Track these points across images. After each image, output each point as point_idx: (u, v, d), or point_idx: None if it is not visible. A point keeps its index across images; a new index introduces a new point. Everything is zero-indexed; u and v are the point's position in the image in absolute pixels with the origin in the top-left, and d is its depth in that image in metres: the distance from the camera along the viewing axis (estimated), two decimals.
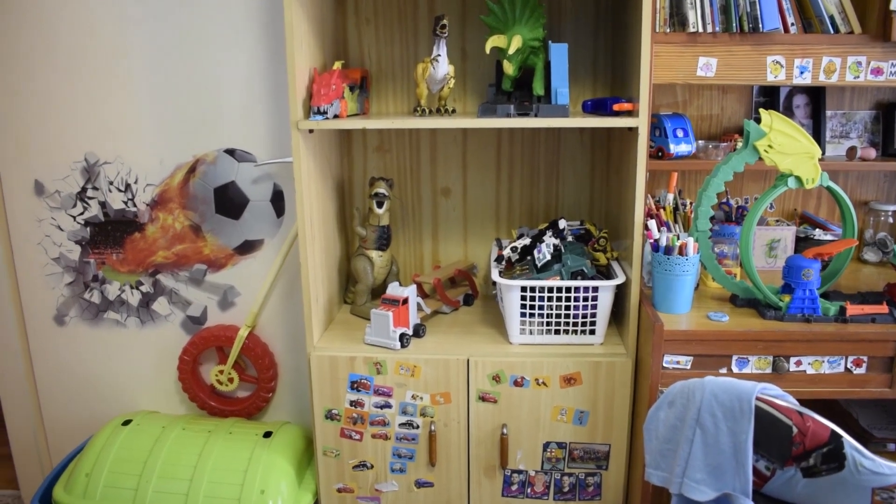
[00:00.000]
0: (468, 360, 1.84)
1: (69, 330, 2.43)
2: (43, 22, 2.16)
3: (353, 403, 1.90)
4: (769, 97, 2.16)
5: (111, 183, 2.29)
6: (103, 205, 2.31)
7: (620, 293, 1.91)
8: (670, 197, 2.01)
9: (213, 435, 2.12)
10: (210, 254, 2.33)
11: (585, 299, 1.84)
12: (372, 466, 1.95)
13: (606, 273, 1.95)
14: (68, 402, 2.50)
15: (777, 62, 1.86)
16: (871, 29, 1.85)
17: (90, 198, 2.31)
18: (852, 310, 1.68)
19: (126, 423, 2.20)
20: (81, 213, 2.32)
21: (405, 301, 1.91)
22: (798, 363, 1.67)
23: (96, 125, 2.24)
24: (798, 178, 1.67)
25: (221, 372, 2.36)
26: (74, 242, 2.35)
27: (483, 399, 1.86)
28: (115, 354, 2.44)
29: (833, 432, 1.29)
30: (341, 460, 1.96)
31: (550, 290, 1.83)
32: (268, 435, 2.14)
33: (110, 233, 2.34)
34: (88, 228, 2.34)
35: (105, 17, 2.15)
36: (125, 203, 2.30)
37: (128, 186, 2.29)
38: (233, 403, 2.41)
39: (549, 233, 1.92)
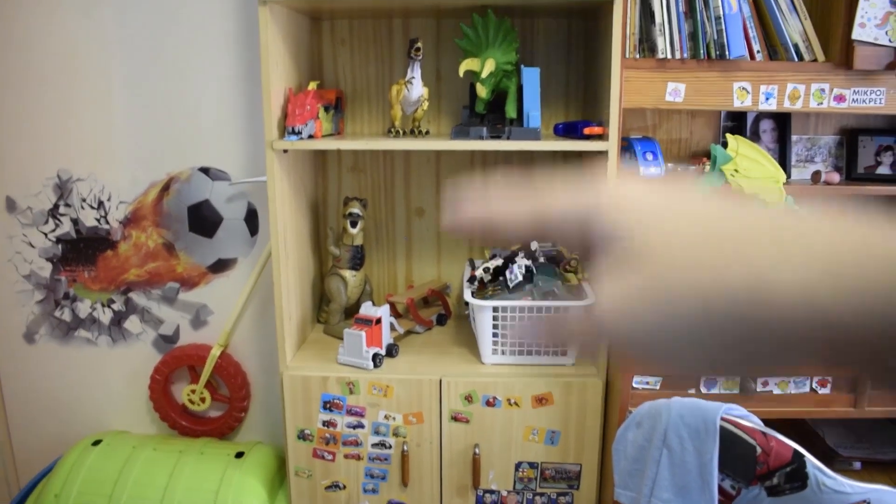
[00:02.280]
0: (441, 381, 1.84)
1: (39, 348, 2.40)
2: (19, 39, 2.16)
3: (326, 423, 1.90)
4: (737, 121, 2.21)
5: (84, 200, 2.28)
6: (75, 222, 2.30)
7: None
8: None
9: (185, 455, 2.11)
10: (183, 272, 2.32)
11: None
12: (345, 487, 1.95)
13: (577, 294, 1.97)
14: (37, 421, 2.46)
15: (743, 88, 1.90)
16: (834, 57, 1.90)
17: (62, 215, 2.30)
18: None
19: (96, 443, 2.18)
20: (53, 230, 2.31)
21: (378, 321, 1.92)
22: (765, 383, 1.70)
23: (69, 141, 2.24)
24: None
25: (193, 391, 2.34)
26: (46, 259, 2.33)
27: (455, 419, 1.87)
28: (86, 373, 2.41)
29: (795, 452, 1.31)
30: (314, 481, 1.95)
31: (522, 310, 1.85)
32: (240, 455, 2.13)
33: (82, 250, 2.32)
34: (60, 245, 2.32)
35: (81, 34, 2.15)
36: (98, 220, 2.29)
37: (101, 204, 2.28)
38: (204, 423, 2.39)
39: (521, 254, 1.94)
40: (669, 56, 1.88)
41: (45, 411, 2.45)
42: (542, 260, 2.02)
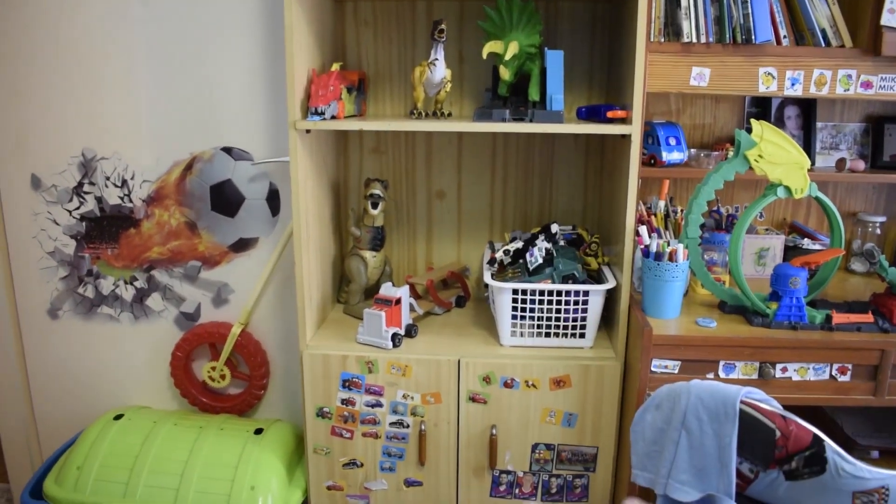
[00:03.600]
0: (459, 361, 1.85)
1: (62, 324, 2.44)
2: (44, 18, 2.18)
3: (345, 402, 1.92)
4: (761, 107, 2.19)
5: (108, 178, 2.30)
6: (99, 200, 2.32)
7: (611, 298, 1.94)
8: (661, 204, 2.04)
9: (205, 431, 2.14)
10: (205, 251, 2.34)
11: (576, 303, 1.86)
12: (362, 465, 1.97)
13: (597, 277, 1.97)
14: (60, 395, 2.50)
15: (769, 74, 1.89)
16: (862, 43, 1.88)
17: (86, 193, 2.32)
18: (838, 318, 1.71)
19: (118, 417, 2.21)
20: (77, 208, 2.34)
21: (398, 301, 1.93)
22: (784, 370, 1.70)
23: (94, 121, 2.26)
24: (787, 188, 1.69)
25: (214, 368, 2.37)
26: (70, 237, 2.36)
27: (473, 400, 1.88)
28: (108, 349, 2.45)
29: (815, 436, 1.31)
30: (331, 458, 1.98)
31: (542, 293, 1.85)
32: (259, 432, 2.15)
33: (106, 228, 2.35)
34: (84, 223, 2.35)
35: (106, 14, 2.16)
36: (121, 199, 2.32)
37: (124, 182, 2.30)
38: (224, 400, 2.42)
39: (541, 237, 1.95)
40: (695, 40, 1.87)
41: (67, 386, 2.49)
42: (562, 243, 2.02)
